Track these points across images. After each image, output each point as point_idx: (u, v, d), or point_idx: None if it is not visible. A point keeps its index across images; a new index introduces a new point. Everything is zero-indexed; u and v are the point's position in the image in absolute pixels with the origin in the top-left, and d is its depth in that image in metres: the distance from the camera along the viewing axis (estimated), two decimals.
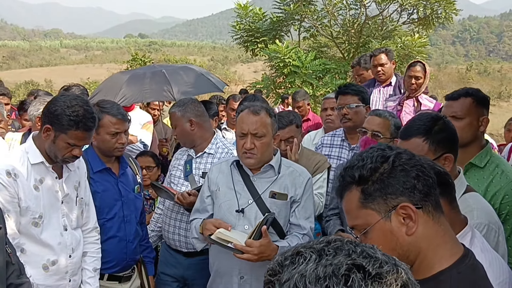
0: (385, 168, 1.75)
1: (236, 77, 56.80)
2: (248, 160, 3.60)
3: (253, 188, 3.65)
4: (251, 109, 3.63)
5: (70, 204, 3.59)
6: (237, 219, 3.62)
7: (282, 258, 1.10)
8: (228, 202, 3.68)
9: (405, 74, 6.05)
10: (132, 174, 4.28)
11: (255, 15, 16.08)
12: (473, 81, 44.25)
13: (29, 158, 3.38)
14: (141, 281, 4.36)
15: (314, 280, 1.02)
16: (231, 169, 3.76)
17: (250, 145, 3.54)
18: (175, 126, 4.49)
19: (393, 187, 1.73)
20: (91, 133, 3.40)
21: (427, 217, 1.76)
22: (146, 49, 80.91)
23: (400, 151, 1.81)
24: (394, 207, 1.73)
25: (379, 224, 1.75)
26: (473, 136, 3.41)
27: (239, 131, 3.63)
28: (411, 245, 1.75)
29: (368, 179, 1.75)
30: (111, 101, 4.29)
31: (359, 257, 1.07)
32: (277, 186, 3.66)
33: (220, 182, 3.76)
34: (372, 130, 4.11)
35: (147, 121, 6.98)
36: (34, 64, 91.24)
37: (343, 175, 1.82)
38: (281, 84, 14.62)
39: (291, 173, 3.71)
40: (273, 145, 3.72)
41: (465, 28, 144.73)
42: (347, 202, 1.82)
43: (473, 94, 3.43)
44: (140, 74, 7.67)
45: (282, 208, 3.65)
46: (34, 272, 3.19)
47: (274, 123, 3.67)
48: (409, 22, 16.26)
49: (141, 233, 4.31)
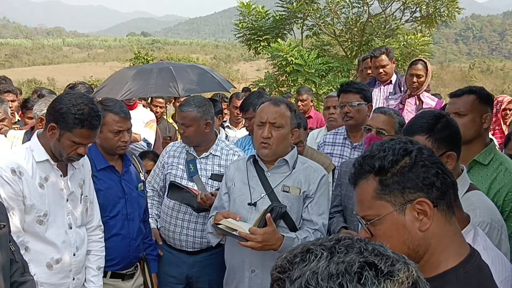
0: (406, 162, 1.75)
1: (238, 75, 56.85)
2: (263, 150, 3.62)
3: (267, 182, 3.68)
4: (272, 101, 3.69)
5: (75, 202, 3.59)
6: (249, 213, 3.65)
7: (292, 255, 1.10)
8: (241, 196, 3.72)
9: (407, 72, 6.05)
10: (136, 172, 4.28)
11: (257, 14, 16.07)
12: (476, 79, 44.26)
13: (34, 156, 3.37)
14: (144, 278, 4.36)
15: (327, 277, 1.01)
16: (247, 165, 3.79)
17: (267, 134, 3.56)
18: (188, 125, 4.38)
19: (412, 182, 1.73)
20: (96, 132, 3.39)
21: (441, 215, 1.76)
22: (148, 48, 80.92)
23: (422, 146, 1.80)
24: (410, 201, 1.73)
25: (391, 216, 1.75)
26: (476, 133, 3.40)
27: (258, 120, 3.65)
28: (422, 241, 1.75)
29: (388, 170, 1.75)
30: (114, 99, 4.28)
31: (371, 255, 1.07)
32: (291, 180, 3.67)
33: (236, 178, 3.80)
34: (377, 128, 4.11)
35: (151, 120, 6.99)
36: (37, 63, 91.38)
37: (361, 163, 1.81)
38: (283, 83, 14.63)
39: (305, 169, 3.73)
40: (291, 140, 3.72)
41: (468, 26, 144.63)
42: (362, 191, 1.81)
43: (476, 92, 3.43)
44: (147, 69, 7.71)
45: (294, 203, 3.65)
46: (38, 270, 3.19)
47: (294, 118, 3.68)
48: (412, 20, 16.26)
49: (144, 231, 4.31)
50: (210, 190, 4.35)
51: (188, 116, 4.36)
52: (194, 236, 4.41)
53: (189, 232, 4.41)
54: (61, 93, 3.86)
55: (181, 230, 4.42)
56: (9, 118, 5.70)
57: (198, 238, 4.41)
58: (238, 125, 7.24)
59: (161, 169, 4.61)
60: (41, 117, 4.42)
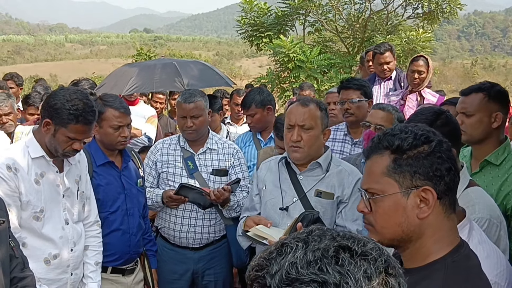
0: (424, 149, 1.76)
1: (241, 71, 56.75)
2: (294, 154, 3.50)
3: (299, 186, 3.56)
4: (300, 101, 3.55)
5: (71, 198, 3.59)
6: (281, 217, 3.54)
7: (267, 253, 1.12)
8: (273, 200, 3.62)
9: (408, 69, 6.06)
10: (135, 168, 4.28)
11: (260, 10, 16.03)
12: (478, 76, 44.14)
13: (29, 152, 3.37)
14: (144, 274, 4.37)
15: (306, 265, 1.04)
16: (279, 166, 3.68)
17: (296, 137, 3.44)
18: (198, 116, 4.36)
19: (424, 169, 1.75)
20: (91, 127, 3.39)
21: (441, 209, 1.78)
22: (151, 44, 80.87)
23: (442, 139, 1.82)
24: (416, 187, 1.75)
25: (395, 196, 1.77)
26: (484, 133, 3.31)
27: (287, 123, 3.52)
28: (417, 227, 1.77)
29: (405, 151, 1.77)
30: (114, 95, 4.28)
31: (343, 239, 1.11)
32: (324, 185, 3.55)
33: (267, 180, 3.71)
34: (375, 124, 4.11)
35: (152, 115, 7.01)
36: (39, 59, 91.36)
37: (381, 138, 1.83)
38: (285, 79, 14.60)
39: (339, 172, 3.60)
40: (323, 141, 3.60)
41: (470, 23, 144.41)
42: (373, 164, 1.83)
43: (485, 90, 3.31)
44: (150, 65, 7.75)
45: (328, 208, 3.54)
46: (35, 266, 3.18)
47: (325, 117, 3.56)
48: (414, 16, 16.21)
49: (144, 226, 4.32)
50: (212, 185, 4.36)
51: (198, 106, 4.36)
52: (202, 232, 4.44)
53: (196, 229, 4.43)
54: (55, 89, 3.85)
55: (188, 228, 4.43)
56: (15, 113, 5.74)
57: (205, 234, 4.45)
58: (239, 121, 7.24)
59: (154, 167, 4.55)
60: None
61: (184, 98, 4.39)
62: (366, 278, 1.04)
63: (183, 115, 4.39)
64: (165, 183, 4.51)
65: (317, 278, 1.02)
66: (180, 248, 4.51)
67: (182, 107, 4.39)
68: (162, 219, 4.55)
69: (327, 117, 3.61)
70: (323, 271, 1.03)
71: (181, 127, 4.47)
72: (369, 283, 1.04)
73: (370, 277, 1.05)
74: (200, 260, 4.50)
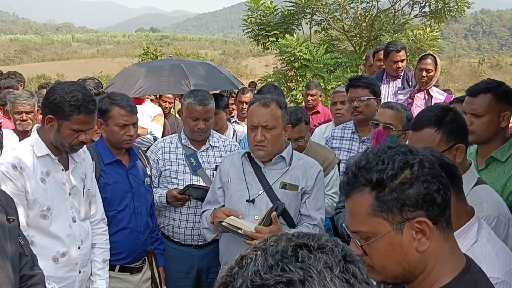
0: (406, 177, 1.60)
1: (247, 71, 56.86)
2: (258, 152, 3.61)
3: (264, 179, 3.67)
4: (261, 102, 3.63)
5: (77, 195, 3.60)
6: (248, 209, 3.64)
7: (229, 269, 1.13)
8: (239, 192, 3.70)
9: (416, 67, 6.04)
10: (142, 166, 4.29)
11: (266, 9, 16.03)
12: (485, 74, 44.05)
13: (34, 151, 3.38)
14: (151, 272, 4.38)
15: (268, 269, 1.05)
16: (242, 160, 3.77)
17: (260, 138, 3.55)
18: (210, 118, 4.46)
19: (412, 199, 1.59)
20: (94, 117, 3.41)
21: (439, 233, 1.65)
22: (157, 43, 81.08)
23: (422, 157, 1.64)
24: (408, 220, 1.60)
25: (388, 236, 1.62)
26: (493, 133, 3.35)
27: (250, 124, 3.64)
28: (418, 262, 1.64)
29: (386, 185, 1.60)
30: (121, 94, 4.30)
31: (298, 238, 1.13)
32: (288, 177, 3.67)
33: (231, 174, 3.78)
34: (384, 123, 4.10)
35: (157, 114, 7.01)
36: (46, 58, 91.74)
37: (356, 173, 1.65)
38: (292, 78, 14.58)
39: (302, 165, 3.73)
40: (284, 137, 3.71)
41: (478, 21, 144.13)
42: (355, 205, 1.66)
43: (493, 90, 3.34)
44: (158, 66, 7.76)
45: (293, 199, 3.66)
46: (44, 264, 3.18)
47: (285, 115, 3.66)
48: (421, 15, 16.18)
49: (152, 225, 4.33)
50: None
51: (211, 109, 4.45)
52: None
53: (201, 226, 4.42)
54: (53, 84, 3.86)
55: (193, 225, 4.44)
56: (35, 113, 5.79)
57: None
58: (245, 119, 7.23)
59: (155, 166, 4.56)
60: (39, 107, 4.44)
61: (199, 101, 4.40)
62: (327, 269, 1.06)
63: (196, 116, 4.41)
64: (168, 181, 4.52)
65: (282, 278, 1.03)
66: (184, 246, 4.52)
67: (196, 109, 4.40)
68: (165, 217, 4.56)
69: (287, 114, 3.73)
70: (286, 271, 1.04)
71: (191, 128, 4.45)
72: (331, 273, 1.06)
73: (331, 267, 1.07)
74: (205, 258, 4.51)
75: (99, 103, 3.99)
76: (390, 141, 4.00)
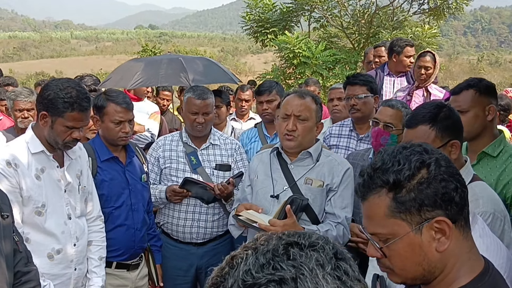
0: (423, 176, 1.59)
1: (246, 68, 56.88)
2: (288, 142, 3.59)
3: (290, 175, 3.65)
4: (297, 93, 3.65)
5: (73, 192, 3.59)
6: (272, 205, 3.62)
7: (220, 269, 1.14)
8: (264, 188, 3.70)
9: (415, 64, 6.03)
10: (139, 163, 4.28)
11: (265, 6, 16.05)
12: (484, 71, 44.14)
13: (29, 147, 3.37)
14: (148, 269, 4.38)
15: (260, 268, 1.05)
16: (271, 157, 3.76)
17: (292, 127, 3.53)
18: (209, 113, 4.44)
19: (430, 199, 1.58)
20: (88, 114, 3.40)
21: (458, 232, 1.63)
22: (156, 40, 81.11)
23: (439, 157, 1.63)
24: (427, 219, 1.58)
25: (407, 237, 1.60)
26: (481, 127, 3.37)
27: (283, 113, 3.61)
28: (438, 262, 1.62)
29: (403, 186, 1.59)
30: (118, 90, 4.31)
31: (289, 237, 1.13)
32: (314, 173, 3.64)
33: (259, 171, 3.78)
34: (384, 122, 4.07)
35: (154, 111, 7.04)
36: (45, 55, 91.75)
37: (372, 175, 1.65)
38: (291, 75, 14.60)
39: (329, 162, 3.69)
40: (316, 133, 3.70)
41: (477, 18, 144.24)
42: (373, 207, 1.65)
43: (474, 85, 3.37)
44: (156, 60, 7.78)
45: (317, 196, 3.62)
46: (39, 261, 3.17)
47: (319, 111, 3.65)
48: (419, 12, 16.18)
49: (149, 222, 4.32)
50: (216, 180, 4.38)
51: (210, 103, 4.44)
52: (205, 227, 4.43)
53: (200, 223, 4.43)
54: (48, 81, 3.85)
55: (192, 223, 4.43)
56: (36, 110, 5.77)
57: (208, 228, 4.45)
58: (243, 117, 7.22)
59: (156, 163, 4.55)
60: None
61: (198, 95, 4.41)
62: (319, 266, 1.06)
63: (195, 111, 4.41)
64: (168, 178, 4.50)
65: (274, 277, 1.03)
66: (183, 244, 4.51)
67: (195, 103, 4.40)
68: (165, 214, 4.55)
69: (321, 111, 3.71)
70: (277, 269, 1.04)
71: (190, 123, 4.45)
72: (323, 270, 1.05)
73: (322, 265, 1.06)
74: (204, 256, 4.50)
75: (95, 100, 3.99)
76: (391, 140, 3.99)
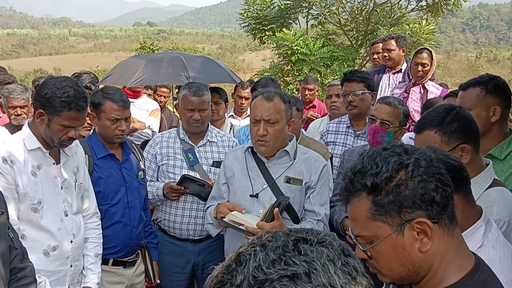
0: (401, 178, 1.59)
1: (244, 65, 56.83)
2: (261, 148, 3.59)
3: (268, 174, 3.65)
4: (264, 95, 3.59)
5: (69, 189, 3.58)
6: (251, 204, 3.63)
7: (226, 267, 1.11)
8: (242, 187, 3.69)
9: (412, 61, 6.04)
10: (136, 160, 4.28)
11: (263, 3, 16.00)
12: (483, 68, 44.10)
13: (25, 144, 3.37)
14: (145, 266, 4.38)
15: (271, 264, 1.05)
16: (246, 155, 3.75)
17: (263, 132, 3.51)
18: (206, 109, 4.42)
19: (409, 200, 1.58)
20: (84, 113, 3.39)
21: (442, 231, 1.63)
22: (154, 37, 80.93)
23: (418, 156, 1.62)
24: (408, 221, 1.59)
25: (390, 238, 1.62)
26: (483, 128, 3.15)
27: (253, 118, 3.60)
28: (423, 262, 1.63)
29: (381, 189, 1.59)
30: (115, 88, 4.30)
31: (297, 233, 1.13)
32: (292, 171, 3.65)
33: (235, 169, 3.77)
34: (381, 119, 4.07)
35: (155, 109, 7.06)
36: (43, 53, 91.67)
37: (352, 179, 1.65)
38: (289, 72, 14.58)
39: (306, 159, 3.70)
40: (288, 131, 3.68)
41: (475, 15, 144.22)
42: (355, 210, 1.67)
43: (482, 83, 3.24)
44: (157, 57, 7.77)
45: (297, 194, 3.63)
46: (35, 258, 3.18)
47: (288, 109, 3.63)
48: (417, 9, 16.15)
49: (145, 219, 4.32)
50: (213, 177, 4.37)
51: (206, 100, 4.42)
52: (202, 224, 4.40)
53: (197, 220, 4.42)
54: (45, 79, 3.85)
55: (189, 220, 4.43)
56: (29, 107, 5.76)
57: (205, 225, 4.43)
58: (242, 114, 7.23)
59: (153, 160, 4.54)
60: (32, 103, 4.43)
61: (193, 92, 4.40)
62: (330, 262, 1.07)
63: (191, 107, 4.40)
64: (165, 175, 4.50)
65: (286, 272, 1.03)
66: (180, 240, 4.51)
67: (190, 100, 4.39)
68: (162, 211, 4.54)
69: (291, 108, 3.69)
70: (290, 265, 1.04)
71: (187, 120, 4.44)
72: (334, 266, 1.06)
73: (333, 260, 1.07)
74: (201, 253, 4.50)
75: (92, 96, 3.99)
76: (387, 137, 4.00)
